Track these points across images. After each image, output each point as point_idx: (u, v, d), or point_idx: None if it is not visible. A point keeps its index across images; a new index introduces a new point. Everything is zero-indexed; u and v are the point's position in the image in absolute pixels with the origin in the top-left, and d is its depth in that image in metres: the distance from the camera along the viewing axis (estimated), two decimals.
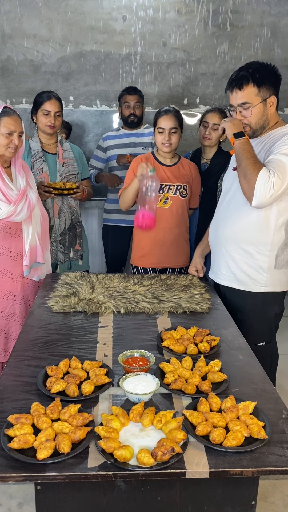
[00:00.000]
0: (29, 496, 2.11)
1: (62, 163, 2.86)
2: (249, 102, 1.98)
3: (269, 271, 2.07)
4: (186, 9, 4.06)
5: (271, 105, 2.00)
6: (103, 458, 1.18)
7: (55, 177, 2.85)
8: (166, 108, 2.68)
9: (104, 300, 2.10)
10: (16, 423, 1.27)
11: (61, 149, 2.88)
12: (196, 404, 1.38)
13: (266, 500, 2.11)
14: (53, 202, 2.84)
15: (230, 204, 2.15)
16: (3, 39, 4.02)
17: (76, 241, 2.97)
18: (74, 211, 2.92)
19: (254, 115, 2.00)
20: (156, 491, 1.32)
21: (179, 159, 2.77)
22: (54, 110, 2.75)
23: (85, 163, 3.05)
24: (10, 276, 2.37)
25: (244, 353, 1.74)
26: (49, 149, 2.87)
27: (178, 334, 1.81)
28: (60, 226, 2.88)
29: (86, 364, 1.57)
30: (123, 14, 4.04)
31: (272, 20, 4.11)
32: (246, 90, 1.96)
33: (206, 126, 2.87)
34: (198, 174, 2.82)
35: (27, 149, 2.84)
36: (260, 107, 1.99)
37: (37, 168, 2.82)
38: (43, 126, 2.78)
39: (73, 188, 2.79)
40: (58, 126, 2.82)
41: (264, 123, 2.03)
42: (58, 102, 2.80)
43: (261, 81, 1.95)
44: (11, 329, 2.43)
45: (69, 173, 2.89)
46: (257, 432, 1.26)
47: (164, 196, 2.68)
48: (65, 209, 2.87)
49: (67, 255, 2.95)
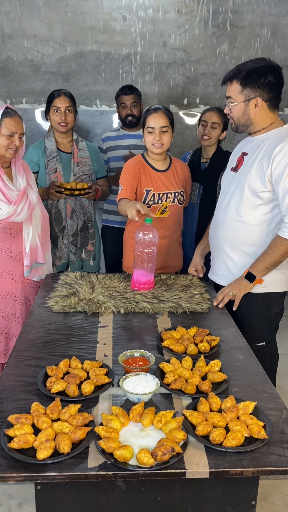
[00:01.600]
0: (29, 496, 2.11)
1: (76, 163, 2.85)
2: (232, 98, 2.02)
3: (271, 272, 2.07)
4: (186, 9, 4.06)
5: (256, 106, 2.00)
6: (103, 458, 1.18)
7: (69, 177, 2.84)
8: (155, 106, 2.49)
9: (104, 300, 2.10)
10: (16, 423, 1.27)
11: (76, 148, 2.87)
12: (196, 404, 1.38)
13: (266, 500, 2.11)
14: (66, 203, 2.83)
15: (228, 206, 2.15)
16: (3, 39, 4.02)
17: (88, 242, 2.96)
18: (87, 211, 2.90)
19: (235, 112, 2.04)
20: (156, 491, 1.32)
21: (171, 161, 2.62)
22: (64, 106, 2.75)
23: (102, 162, 3.03)
24: (10, 276, 2.37)
25: (244, 353, 1.74)
26: (64, 148, 2.87)
27: (178, 334, 1.81)
28: (72, 227, 2.88)
29: (86, 364, 1.57)
30: (123, 14, 4.04)
31: (272, 20, 4.11)
32: (232, 85, 2.01)
33: (204, 125, 2.86)
34: (190, 174, 2.72)
35: (42, 148, 2.84)
36: (241, 106, 2.01)
37: (51, 168, 2.81)
38: (55, 125, 2.78)
39: (84, 189, 2.76)
40: (70, 122, 2.80)
41: (246, 122, 2.04)
42: (68, 98, 2.79)
43: (246, 81, 1.97)
44: (11, 329, 2.43)
45: (83, 172, 2.87)
46: (257, 432, 1.26)
47: (163, 205, 2.53)
48: (77, 209, 2.86)
49: (78, 255, 2.95)
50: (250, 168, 2.04)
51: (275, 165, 1.93)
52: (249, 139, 2.14)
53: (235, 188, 2.12)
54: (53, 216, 2.85)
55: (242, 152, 2.14)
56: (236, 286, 2.09)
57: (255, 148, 2.06)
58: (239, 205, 2.08)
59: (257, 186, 2.00)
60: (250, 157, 2.07)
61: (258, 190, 2.01)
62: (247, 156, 2.09)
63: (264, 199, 2.01)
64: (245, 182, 2.05)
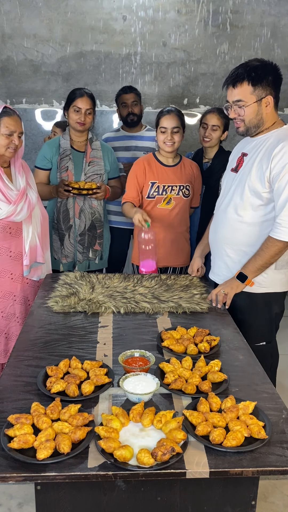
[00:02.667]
0: (29, 496, 2.11)
1: (88, 162, 2.85)
2: (243, 100, 1.97)
3: (269, 272, 2.07)
4: (186, 9, 4.06)
5: (267, 105, 1.98)
6: (103, 458, 1.18)
7: (80, 176, 2.84)
8: (168, 108, 2.69)
9: (104, 300, 2.10)
10: (16, 423, 1.27)
11: (90, 147, 2.87)
12: (196, 404, 1.38)
13: (266, 500, 2.11)
14: (75, 202, 2.83)
15: (228, 206, 2.15)
16: (3, 39, 4.02)
17: (95, 242, 2.96)
18: (96, 211, 2.90)
19: (247, 114, 1.99)
20: (156, 491, 1.32)
21: (181, 159, 2.77)
22: (85, 107, 2.74)
23: (115, 162, 3.02)
24: (10, 276, 2.37)
25: (244, 353, 1.74)
26: (78, 147, 2.87)
27: (178, 334, 1.81)
28: (80, 227, 2.87)
29: (86, 364, 1.57)
30: (123, 14, 4.04)
31: (272, 20, 4.11)
32: (241, 88, 1.95)
33: (205, 128, 2.86)
34: (199, 173, 2.82)
35: (56, 146, 2.84)
36: (254, 106, 1.97)
37: (63, 166, 2.81)
38: (73, 123, 2.78)
39: (92, 189, 2.76)
40: (88, 123, 2.80)
41: (258, 122, 2.02)
42: (90, 99, 2.78)
43: (256, 80, 1.94)
44: (11, 329, 2.43)
45: (94, 172, 2.87)
46: (257, 432, 1.26)
47: (167, 197, 2.68)
48: (86, 209, 2.86)
49: (86, 254, 2.94)
50: (251, 168, 2.03)
51: (274, 165, 1.93)
52: (248, 139, 2.14)
53: (235, 189, 2.11)
54: (61, 214, 2.85)
55: (242, 152, 2.14)
56: (228, 285, 2.11)
57: (255, 148, 2.06)
58: (240, 205, 2.08)
59: (257, 186, 2.00)
60: (250, 158, 2.06)
61: (258, 191, 2.01)
62: (247, 156, 2.09)
63: (264, 200, 2.01)
64: (246, 182, 2.05)
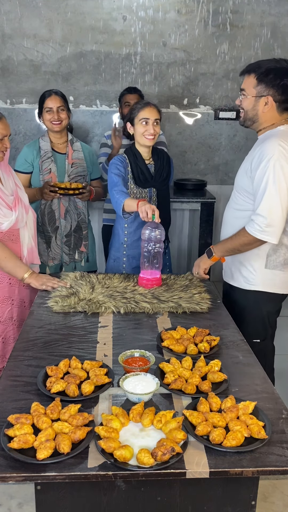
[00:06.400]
0: (29, 496, 2.11)
1: (70, 164, 2.84)
2: (245, 91, 2.04)
3: (259, 270, 2.11)
4: (186, 9, 4.06)
5: (265, 105, 2.01)
6: (103, 458, 1.18)
7: (63, 178, 2.83)
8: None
9: (104, 300, 2.10)
10: (16, 423, 1.27)
11: (71, 149, 2.86)
12: (196, 404, 1.38)
13: (266, 500, 2.11)
14: (60, 203, 2.83)
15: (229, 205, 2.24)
16: (3, 39, 4.02)
17: (81, 243, 2.95)
18: (81, 212, 2.90)
19: (244, 104, 2.06)
20: (156, 491, 1.32)
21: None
22: (56, 105, 2.74)
23: (96, 163, 3.02)
24: (8, 281, 2.35)
25: (244, 353, 1.74)
26: (59, 148, 2.86)
27: (178, 334, 1.81)
28: (66, 228, 2.87)
29: (86, 364, 1.57)
30: (123, 14, 4.04)
31: (272, 20, 4.11)
32: (248, 78, 2.03)
33: None
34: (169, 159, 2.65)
35: (36, 148, 2.83)
36: (251, 100, 2.03)
37: (45, 168, 2.80)
38: (49, 124, 2.77)
39: (78, 189, 2.75)
40: (64, 120, 2.78)
41: (253, 117, 2.06)
42: (60, 97, 2.78)
43: (263, 77, 1.98)
44: (8, 333, 2.41)
45: (78, 174, 2.87)
46: (257, 432, 1.26)
47: None
48: (71, 210, 2.86)
49: (72, 256, 2.94)
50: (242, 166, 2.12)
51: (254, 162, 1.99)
52: None
53: (234, 187, 2.20)
54: (47, 216, 2.85)
55: None
56: (200, 260, 2.32)
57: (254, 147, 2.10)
58: (236, 203, 2.16)
59: (245, 184, 2.07)
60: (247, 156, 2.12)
61: (245, 188, 2.08)
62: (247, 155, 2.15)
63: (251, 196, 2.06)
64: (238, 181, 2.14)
